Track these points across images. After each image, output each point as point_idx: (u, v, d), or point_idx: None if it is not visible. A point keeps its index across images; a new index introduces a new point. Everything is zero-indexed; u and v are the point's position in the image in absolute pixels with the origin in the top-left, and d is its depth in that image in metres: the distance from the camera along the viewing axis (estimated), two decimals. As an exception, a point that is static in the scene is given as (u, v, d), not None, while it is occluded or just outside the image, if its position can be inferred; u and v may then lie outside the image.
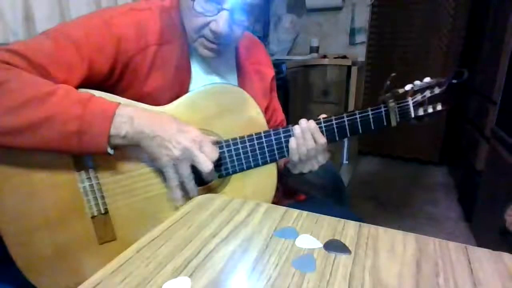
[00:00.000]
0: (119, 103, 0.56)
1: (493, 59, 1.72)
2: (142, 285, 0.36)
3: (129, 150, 0.60)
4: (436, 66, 2.55)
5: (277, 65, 1.70)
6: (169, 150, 0.57)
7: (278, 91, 0.89)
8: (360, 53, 2.52)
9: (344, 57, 2.26)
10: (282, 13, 2.61)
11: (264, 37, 2.55)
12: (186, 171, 0.59)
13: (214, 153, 0.60)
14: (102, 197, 0.60)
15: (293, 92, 1.87)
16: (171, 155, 0.57)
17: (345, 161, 2.55)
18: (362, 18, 2.46)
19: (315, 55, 2.43)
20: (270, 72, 0.84)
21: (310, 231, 0.47)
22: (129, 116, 0.55)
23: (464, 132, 2.20)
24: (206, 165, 0.58)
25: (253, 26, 0.82)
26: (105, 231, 0.61)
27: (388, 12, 2.60)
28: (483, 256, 0.41)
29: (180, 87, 0.67)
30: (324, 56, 2.33)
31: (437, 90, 0.69)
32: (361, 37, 2.51)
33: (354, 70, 2.21)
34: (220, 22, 0.59)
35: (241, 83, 0.76)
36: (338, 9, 2.49)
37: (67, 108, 0.52)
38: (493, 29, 1.87)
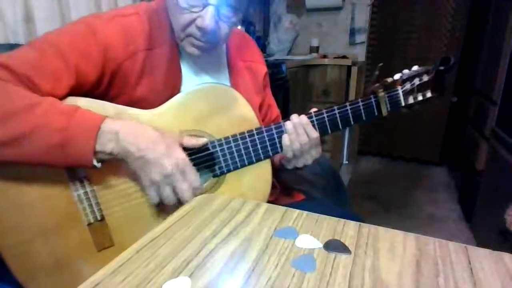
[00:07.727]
0: (106, 117, 0.54)
1: (493, 59, 1.72)
2: (142, 285, 0.36)
3: None
4: (436, 66, 2.55)
5: (277, 65, 1.70)
6: (150, 174, 0.56)
7: (278, 91, 0.89)
8: (360, 53, 2.52)
9: (344, 57, 2.26)
10: (282, 13, 2.61)
11: (264, 37, 2.55)
12: (167, 194, 0.58)
13: (196, 182, 0.59)
14: (97, 204, 0.60)
15: (293, 92, 1.87)
16: (152, 179, 0.56)
17: (345, 161, 2.55)
18: (362, 18, 2.46)
19: (315, 55, 2.43)
20: (263, 69, 0.83)
21: (310, 231, 0.47)
22: (115, 131, 0.54)
23: (464, 132, 2.20)
24: (186, 194, 0.58)
25: (241, 23, 0.81)
26: (103, 238, 0.61)
27: (388, 12, 2.60)
28: (483, 256, 0.41)
29: (171, 89, 0.66)
30: (324, 56, 2.33)
31: (425, 78, 0.69)
32: (361, 37, 2.51)
33: (354, 70, 2.21)
34: (206, 18, 0.58)
35: (233, 82, 0.75)
36: (338, 9, 2.49)
37: (50, 120, 0.51)
38: (493, 29, 1.87)
